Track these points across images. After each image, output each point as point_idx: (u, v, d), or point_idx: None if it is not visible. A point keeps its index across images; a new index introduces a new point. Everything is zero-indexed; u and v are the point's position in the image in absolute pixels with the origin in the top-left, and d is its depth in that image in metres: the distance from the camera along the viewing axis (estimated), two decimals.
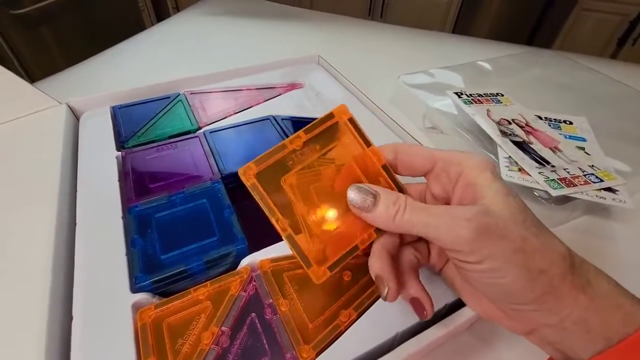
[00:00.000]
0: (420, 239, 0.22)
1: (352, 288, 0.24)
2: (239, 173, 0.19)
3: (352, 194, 0.20)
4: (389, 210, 0.19)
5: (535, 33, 1.43)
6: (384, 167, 0.21)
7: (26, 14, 1.09)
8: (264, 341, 0.21)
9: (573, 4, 1.32)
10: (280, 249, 0.26)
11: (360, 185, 0.20)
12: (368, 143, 0.22)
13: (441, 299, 0.23)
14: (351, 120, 0.22)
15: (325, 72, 0.48)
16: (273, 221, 0.19)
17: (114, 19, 1.31)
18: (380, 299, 0.23)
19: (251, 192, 0.19)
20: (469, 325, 0.28)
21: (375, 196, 0.19)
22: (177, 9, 1.55)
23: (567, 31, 1.38)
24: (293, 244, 0.19)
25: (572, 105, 0.50)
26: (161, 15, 1.49)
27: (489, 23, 1.44)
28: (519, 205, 0.18)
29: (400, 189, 0.21)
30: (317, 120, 0.21)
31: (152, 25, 1.38)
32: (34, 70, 1.14)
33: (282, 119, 0.39)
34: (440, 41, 0.77)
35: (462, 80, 0.54)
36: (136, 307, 0.23)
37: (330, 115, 0.22)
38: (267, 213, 0.19)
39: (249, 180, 0.19)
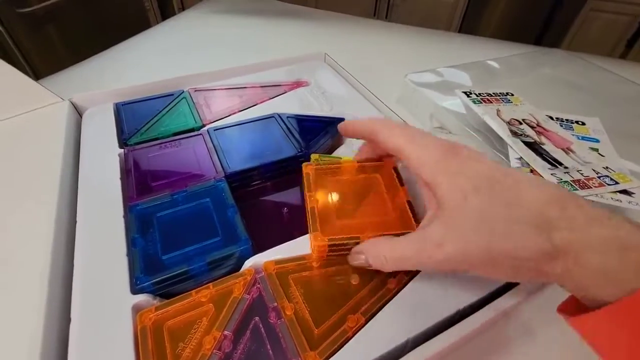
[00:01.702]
0: None
1: (360, 292, 0.23)
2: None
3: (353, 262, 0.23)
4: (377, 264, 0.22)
5: (543, 33, 1.41)
6: (408, 202, 0.25)
7: (32, 12, 1.09)
8: (268, 347, 0.20)
9: (582, 4, 1.30)
10: (285, 250, 0.25)
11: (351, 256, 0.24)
12: (402, 184, 0.26)
13: (453, 304, 0.22)
14: (395, 169, 0.28)
15: (331, 70, 0.48)
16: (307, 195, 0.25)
17: (120, 19, 1.32)
18: (390, 304, 0.22)
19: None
20: (481, 331, 0.27)
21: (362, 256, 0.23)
22: (183, 9, 1.55)
23: (575, 31, 1.36)
24: (312, 212, 0.24)
25: (584, 106, 0.49)
26: (167, 15, 1.49)
27: (496, 23, 1.42)
28: (479, 203, 0.18)
29: (417, 222, 0.24)
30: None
31: (158, 22, 1.38)
32: (39, 68, 1.14)
33: (287, 117, 0.38)
34: (447, 40, 0.76)
35: (471, 80, 0.53)
36: (136, 309, 0.22)
37: (379, 160, 0.28)
38: (306, 190, 0.25)
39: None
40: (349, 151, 0.37)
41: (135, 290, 0.23)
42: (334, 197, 0.26)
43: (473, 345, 0.26)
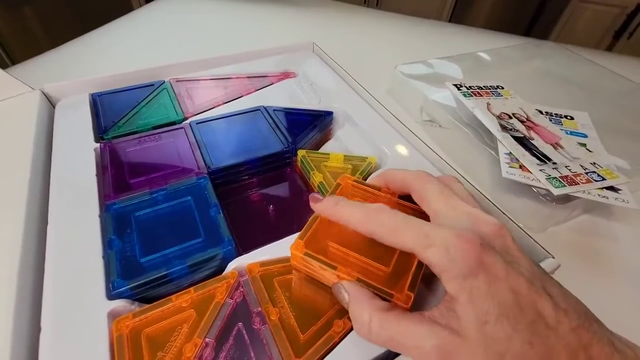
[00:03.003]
0: None
1: None
2: (290, 250, 0.21)
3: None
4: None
5: (532, 23, 1.41)
6: (419, 264, 0.20)
7: None
8: (252, 354, 0.20)
9: None
10: (270, 252, 0.24)
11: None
12: None
13: None
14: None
15: (320, 61, 0.46)
16: (336, 274, 0.20)
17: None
18: None
19: (308, 261, 0.20)
20: None
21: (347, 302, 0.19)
22: None
23: (564, 22, 1.36)
24: (366, 284, 0.19)
25: (574, 99, 0.49)
26: None
27: (487, 12, 1.41)
28: (498, 334, 0.15)
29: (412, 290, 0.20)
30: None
31: (141, 5, 1.32)
32: (16, 52, 1.09)
33: (274, 110, 0.37)
34: (439, 30, 0.74)
35: (462, 72, 0.52)
36: (112, 316, 0.21)
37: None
38: (329, 269, 0.20)
39: (301, 252, 0.20)
40: (337, 146, 0.37)
41: (111, 296, 0.22)
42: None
43: None
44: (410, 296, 0.18)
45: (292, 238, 0.25)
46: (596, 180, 0.35)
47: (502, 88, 0.48)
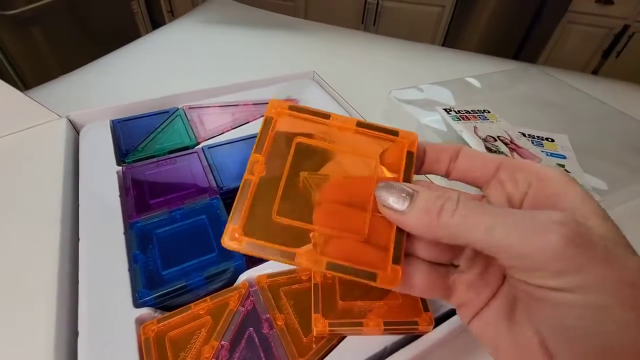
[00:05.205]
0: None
1: None
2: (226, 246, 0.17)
3: (382, 193, 0.16)
4: (432, 207, 0.14)
5: (523, 44, 1.47)
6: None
7: (18, 15, 1.08)
8: (262, 355, 0.23)
9: (560, 17, 1.37)
10: (276, 265, 0.28)
11: (393, 182, 0.16)
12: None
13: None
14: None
15: (319, 88, 0.50)
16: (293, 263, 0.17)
17: (108, 21, 1.31)
18: None
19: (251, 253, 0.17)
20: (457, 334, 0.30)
21: (411, 195, 0.15)
22: (172, 13, 1.56)
23: (554, 42, 1.42)
24: (338, 269, 0.16)
25: (555, 122, 0.53)
26: (155, 18, 1.50)
27: (479, 33, 1.47)
28: (621, 232, 0.13)
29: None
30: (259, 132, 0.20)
31: (146, 28, 1.37)
32: (25, 72, 1.13)
33: None
34: (432, 55, 0.79)
35: (452, 96, 0.56)
36: (139, 322, 0.24)
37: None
38: (279, 260, 0.17)
39: (240, 245, 0.17)
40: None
41: (137, 304, 0.25)
42: None
43: (453, 345, 0.29)
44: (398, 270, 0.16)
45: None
46: None
47: (489, 112, 0.51)
